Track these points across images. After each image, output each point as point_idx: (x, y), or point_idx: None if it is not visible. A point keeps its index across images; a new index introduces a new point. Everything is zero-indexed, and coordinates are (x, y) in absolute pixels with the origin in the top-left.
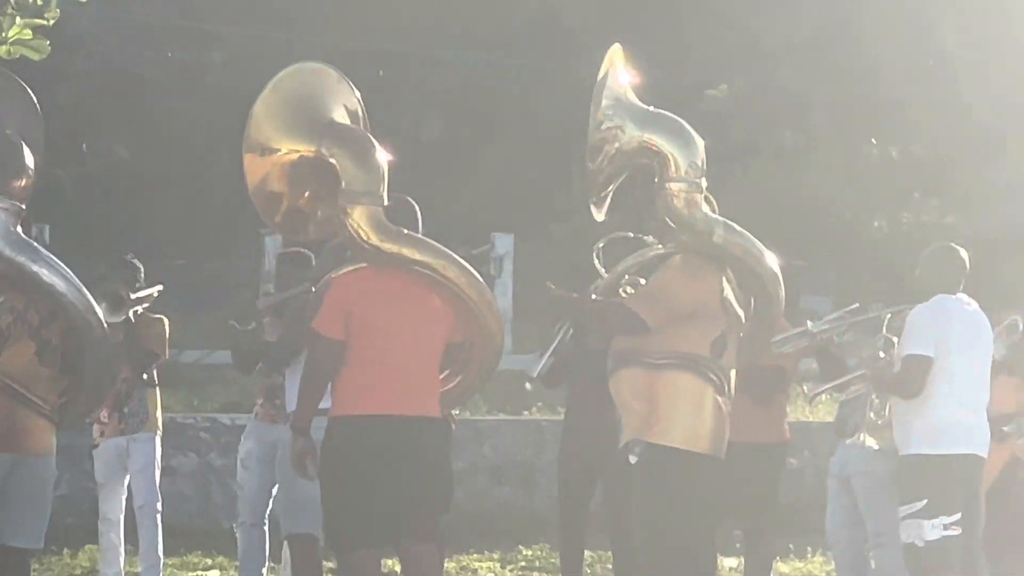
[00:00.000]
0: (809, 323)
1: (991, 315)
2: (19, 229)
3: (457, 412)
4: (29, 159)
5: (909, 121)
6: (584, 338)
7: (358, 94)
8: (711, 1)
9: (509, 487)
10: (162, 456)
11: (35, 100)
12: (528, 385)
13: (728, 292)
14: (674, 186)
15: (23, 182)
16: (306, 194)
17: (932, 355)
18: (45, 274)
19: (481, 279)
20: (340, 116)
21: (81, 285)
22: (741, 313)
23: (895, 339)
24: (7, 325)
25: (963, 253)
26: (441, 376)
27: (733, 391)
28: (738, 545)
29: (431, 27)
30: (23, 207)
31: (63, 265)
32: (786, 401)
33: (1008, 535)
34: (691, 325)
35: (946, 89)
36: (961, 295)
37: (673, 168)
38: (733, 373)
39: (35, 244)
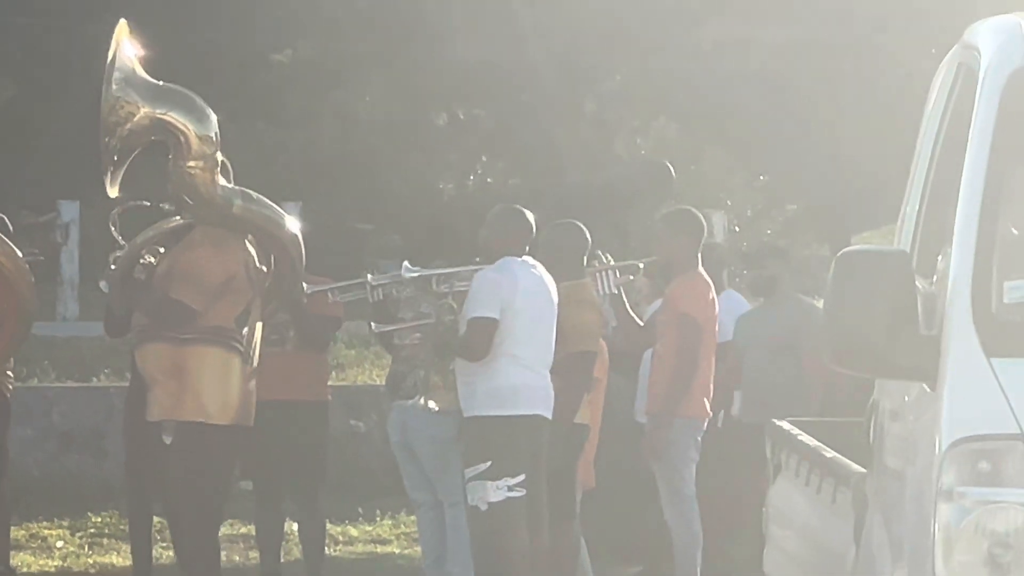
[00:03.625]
0: (369, 276)
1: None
2: None
3: (11, 377)
4: None
5: (475, 83)
6: None
7: None
8: None
9: (78, 454)
10: None
11: None
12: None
13: (252, 259)
14: (191, 163)
15: None
16: None
17: (497, 317)
18: None
19: (13, 247)
20: None
21: None
22: (264, 271)
23: (455, 304)
24: None
25: (529, 215)
26: None
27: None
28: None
29: None
30: None
31: None
32: (328, 360)
33: None
34: (220, 299)
35: (512, 50)
36: (527, 257)
37: (189, 144)
38: (258, 340)
39: None
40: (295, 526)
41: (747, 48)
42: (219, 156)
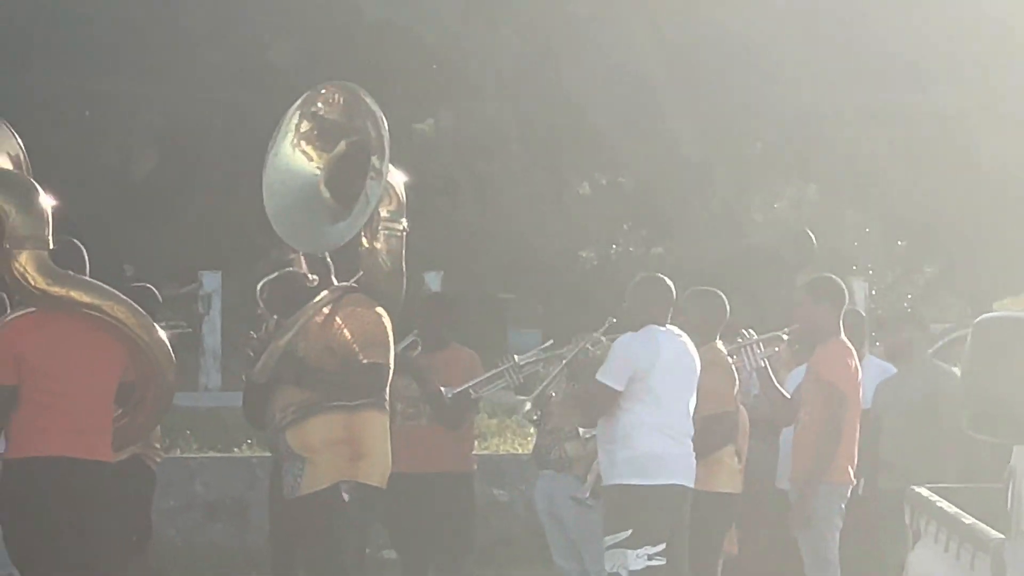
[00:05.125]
0: (516, 357)
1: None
2: None
3: (159, 449)
4: None
5: (617, 151)
6: None
7: (18, 138)
8: (415, 35)
9: (221, 524)
10: None
11: None
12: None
13: None
14: (395, 226)
15: None
16: None
17: (620, 389)
18: None
19: (150, 318)
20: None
21: None
22: None
23: (600, 352)
24: None
25: (669, 283)
26: (115, 415)
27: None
28: None
29: (138, 65)
30: None
31: None
32: (472, 430)
33: None
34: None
35: (653, 119)
36: (671, 327)
37: (399, 208)
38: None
39: None
40: None
41: (888, 115)
42: (405, 223)
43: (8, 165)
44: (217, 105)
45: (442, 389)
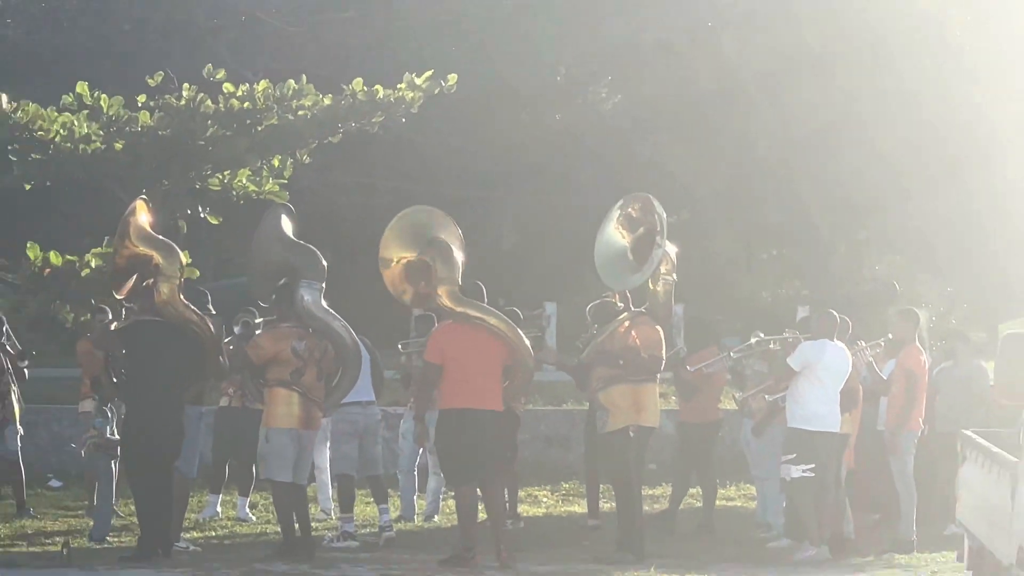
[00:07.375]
0: (731, 352)
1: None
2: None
3: (525, 402)
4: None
5: (782, 233)
6: None
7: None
8: (664, 166)
9: (555, 449)
10: None
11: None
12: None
13: None
14: (669, 277)
15: (323, 271)
16: (411, 280)
17: (797, 369)
18: (337, 326)
19: (519, 329)
20: (447, 236)
21: (352, 332)
22: None
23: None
24: (307, 357)
25: (836, 315)
26: (502, 384)
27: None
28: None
29: (491, 180)
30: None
31: (342, 319)
32: (717, 394)
33: None
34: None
35: (804, 216)
36: (837, 341)
37: (667, 267)
38: None
39: (330, 309)
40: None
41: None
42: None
43: (452, 238)
44: (556, 208)
45: (689, 368)
